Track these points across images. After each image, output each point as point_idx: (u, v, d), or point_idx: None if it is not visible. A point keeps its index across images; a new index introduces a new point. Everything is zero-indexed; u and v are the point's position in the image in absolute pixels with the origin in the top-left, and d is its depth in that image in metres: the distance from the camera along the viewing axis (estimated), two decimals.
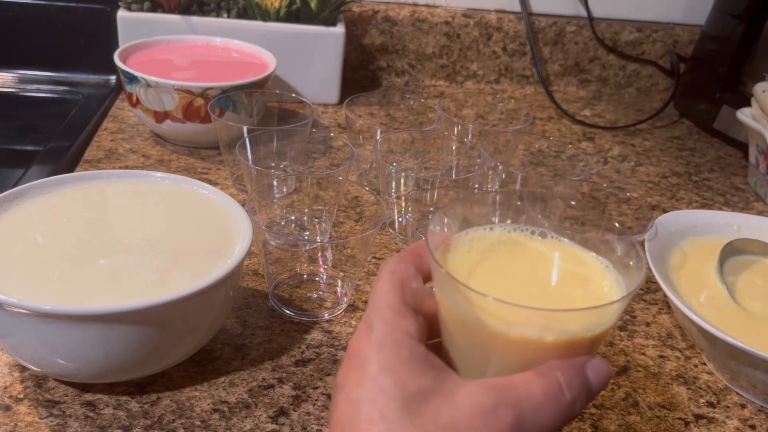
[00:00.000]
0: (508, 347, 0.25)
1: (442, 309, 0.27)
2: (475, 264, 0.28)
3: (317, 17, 0.76)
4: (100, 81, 0.80)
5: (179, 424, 0.36)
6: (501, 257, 0.29)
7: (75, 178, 0.43)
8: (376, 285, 0.27)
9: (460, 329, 0.26)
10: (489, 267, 0.28)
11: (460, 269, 0.27)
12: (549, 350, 0.25)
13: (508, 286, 0.27)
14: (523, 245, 0.30)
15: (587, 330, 0.25)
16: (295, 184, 0.53)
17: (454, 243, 0.29)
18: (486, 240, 0.30)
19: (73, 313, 0.32)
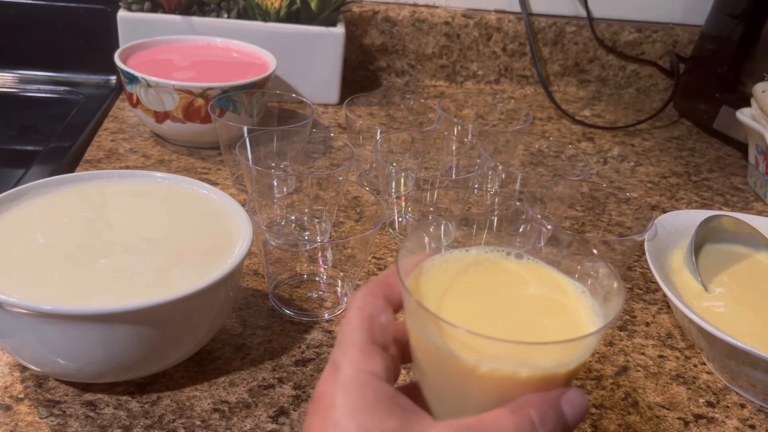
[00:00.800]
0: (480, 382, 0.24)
1: (413, 340, 0.26)
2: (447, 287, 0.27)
3: (317, 17, 0.76)
4: (101, 81, 0.80)
5: (179, 424, 0.36)
6: (475, 280, 0.28)
7: (75, 178, 0.43)
8: (343, 321, 0.26)
9: (431, 362, 0.25)
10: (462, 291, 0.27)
11: (431, 294, 0.26)
12: (524, 386, 0.24)
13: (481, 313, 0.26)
14: (499, 267, 0.29)
15: (563, 365, 0.24)
16: (295, 184, 0.53)
17: (428, 265, 0.28)
18: (461, 261, 0.29)
19: (73, 313, 0.32)
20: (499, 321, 0.26)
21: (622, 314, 0.50)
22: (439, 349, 0.24)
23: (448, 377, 0.25)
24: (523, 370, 0.23)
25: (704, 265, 0.49)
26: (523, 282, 0.28)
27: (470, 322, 0.23)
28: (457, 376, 0.24)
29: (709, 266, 0.49)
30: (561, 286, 0.28)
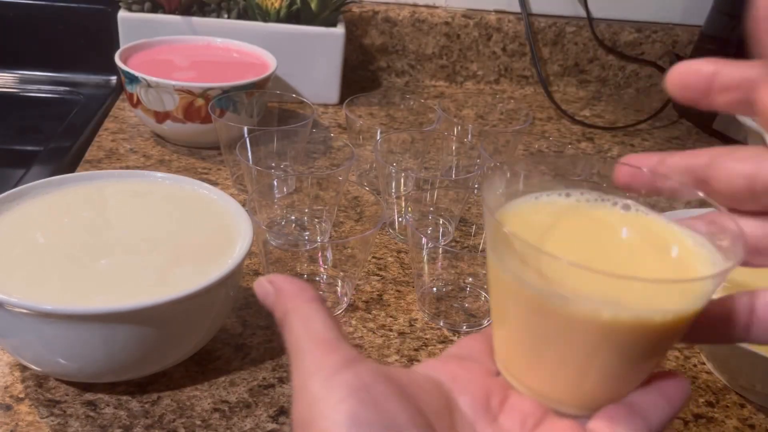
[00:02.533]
0: (555, 322, 0.21)
1: (493, 278, 0.23)
2: (539, 229, 0.24)
3: (317, 18, 0.76)
4: (101, 81, 0.80)
5: (180, 424, 0.36)
6: (571, 225, 0.25)
7: (76, 178, 0.44)
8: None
9: (510, 302, 0.23)
10: (554, 235, 0.24)
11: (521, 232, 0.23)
12: (608, 335, 0.21)
13: (576, 255, 0.22)
14: (600, 216, 0.25)
15: (657, 312, 0.20)
16: (296, 184, 0.53)
17: (517, 206, 0.25)
18: (557, 205, 0.25)
19: (74, 313, 0.32)
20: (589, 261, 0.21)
21: None
22: (522, 283, 0.21)
23: (530, 316, 0.22)
24: (606, 310, 0.20)
25: None
26: (627, 230, 0.25)
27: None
28: (540, 315, 0.22)
29: None
30: (672, 235, 0.24)
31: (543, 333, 0.22)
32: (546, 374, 0.24)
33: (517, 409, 0.24)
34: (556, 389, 0.24)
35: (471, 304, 0.48)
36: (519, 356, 0.24)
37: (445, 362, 0.25)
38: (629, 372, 0.23)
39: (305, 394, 0.21)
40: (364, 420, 0.20)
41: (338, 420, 0.19)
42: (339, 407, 0.20)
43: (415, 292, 0.49)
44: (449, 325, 0.46)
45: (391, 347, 0.44)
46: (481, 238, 0.57)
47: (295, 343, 0.22)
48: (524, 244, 0.21)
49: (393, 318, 0.47)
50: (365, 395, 0.20)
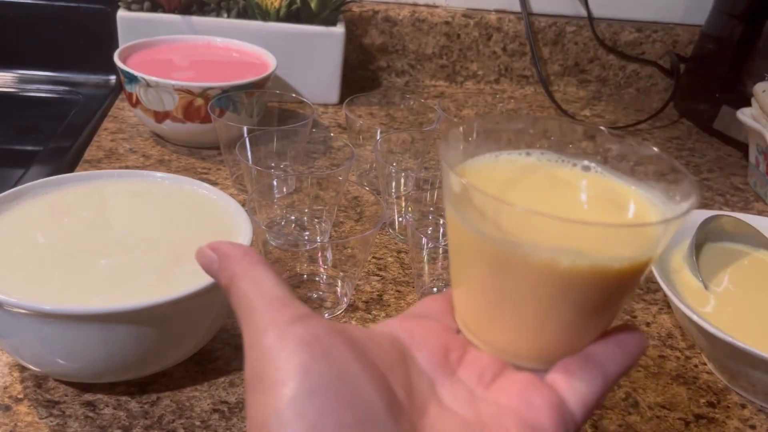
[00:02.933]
0: (513, 274, 0.21)
1: (451, 230, 0.24)
2: (496, 185, 0.24)
3: (317, 17, 0.76)
4: (100, 81, 0.80)
5: (179, 424, 0.36)
6: (530, 183, 0.25)
7: (75, 178, 0.43)
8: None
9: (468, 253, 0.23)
10: (512, 191, 0.24)
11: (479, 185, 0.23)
12: (566, 284, 0.21)
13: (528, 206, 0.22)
14: (560, 175, 0.26)
15: (614, 259, 0.21)
16: (295, 184, 0.53)
17: (477, 163, 0.25)
18: (516, 164, 0.26)
19: (73, 313, 0.32)
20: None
21: (622, 315, 0.50)
22: (482, 236, 0.22)
23: (489, 270, 0.22)
24: (564, 258, 0.20)
25: (705, 264, 0.49)
26: (585, 188, 0.25)
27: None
28: (487, 265, 0.22)
29: (709, 266, 0.49)
30: (628, 194, 0.25)
31: (501, 286, 0.23)
32: (504, 328, 0.24)
33: (475, 363, 0.24)
34: (514, 343, 0.24)
35: None
36: (477, 312, 0.24)
37: (404, 320, 0.25)
38: (587, 323, 0.23)
39: (257, 350, 0.21)
40: (316, 370, 0.20)
41: (290, 370, 0.19)
42: (291, 359, 0.20)
43: (416, 292, 0.49)
44: None
45: None
46: None
47: (245, 303, 0.22)
48: (482, 194, 0.21)
49: None
50: (317, 347, 0.20)
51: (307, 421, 0.19)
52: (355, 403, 0.19)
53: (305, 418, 0.19)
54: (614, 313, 0.24)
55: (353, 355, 0.21)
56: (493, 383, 0.23)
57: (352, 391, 0.19)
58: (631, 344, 0.24)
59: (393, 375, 0.22)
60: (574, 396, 0.22)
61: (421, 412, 0.21)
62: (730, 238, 0.52)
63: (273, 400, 0.19)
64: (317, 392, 0.19)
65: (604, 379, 0.23)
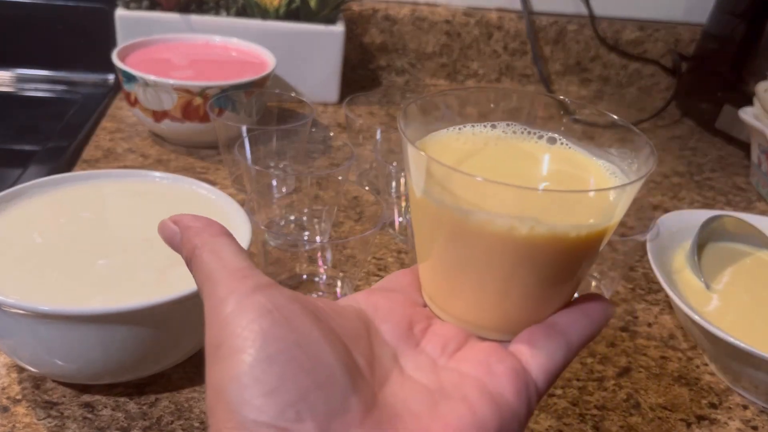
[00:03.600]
0: (472, 239, 0.21)
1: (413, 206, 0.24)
2: (459, 158, 0.24)
3: (317, 16, 0.76)
4: (99, 80, 0.80)
5: (178, 426, 0.36)
6: (493, 155, 0.25)
7: (73, 177, 0.43)
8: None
9: (429, 223, 0.23)
10: (474, 161, 0.24)
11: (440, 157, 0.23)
12: (526, 252, 0.21)
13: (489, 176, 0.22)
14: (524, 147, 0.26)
15: (572, 227, 0.21)
16: (295, 184, 0.53)
17: (440, 135, 0.25)
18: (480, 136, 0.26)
19: (71, 314, 0.32)
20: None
21: (623, 315, 0.50)
22: (441, 207, 0.22)
23: (450, 241, 0.22)
24: (522, 225, 0.21)
25: (707, 264, 0.49)
26: (548, 161, 0.25)
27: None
28: (446, 232, 0.22)
29: (711, 266, 0.49)
30: (591, 166, 0.25)
31: (463, 257, 0.23)
32: (468, 300, 0.24)
33: (439, 334, 0.24)
34: (478, 315, 0.24)
35: None
36: (441, 283, 0.24)
37: (369, 294, 0.25)
38: (548, 292, 0.23)
39: (216, 319, 0.21)
40: (275, 335, 0.19)
41: (249, 337, 0.19)
42: (250, 326, 0.20)
43: None
44: None
45: None
46: None
47: (206, 274, 0.22)
48: (438, 165, 0.21)
49: None
50: (277, 314, 0.20)
51: (266, 386, 0.19)
52: (315, 368, 0.19)
53: (264, 383, 0.19)
54: (576, 282, 0.24)
55: (313, 322, 0.21)
56: (456, 353, 0.23)
57: (312, 357, 0.19)
58: (595, 312, 0.24)
59: (355, 345, 0.22)
60: (536, 364, 0.23)
61: (383, 381, 0.21)
62: (732, 238, 0.52)
63: (232, 367, 0.19)
64: (276, 358, 0.19)
65: (567, 347, 0.23)
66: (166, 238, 0.25)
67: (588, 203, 0.22)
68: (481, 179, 0.20)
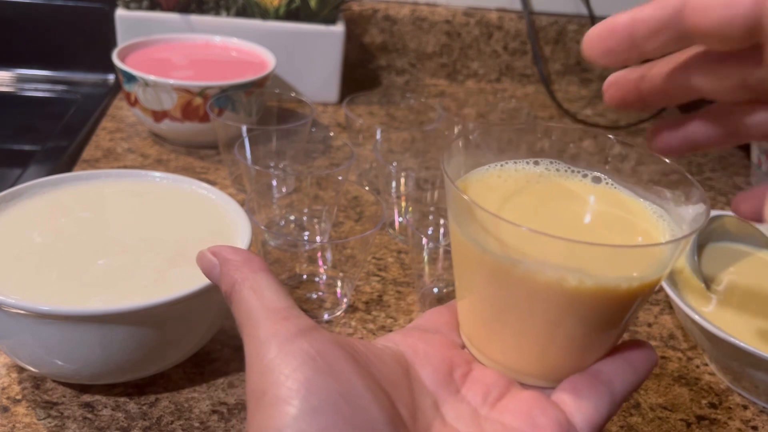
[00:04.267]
0: (516, 286, 0.21)
1: (455, 248, 0.23)
2: (502, 196, 0.24)
3: (317, 16, 0.76)
4: (99, 80, 0.80)
5: (178, 426, 0.36)
6: (535, 194, 0.24)
7: (73, 177, 0.43)
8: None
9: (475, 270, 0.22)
10: (517, 203, 0.24)
11: (481, 200, 0.22)
12: (572, 303, 0.20)
13: (536, 224, 0.21)
14: (568, 186, 0.25)
15: (621, 279, 0.20)
16: (295, 183, 0.53)
17: (481, 173, 0.24)
18: (522, 173, 0.25)
19: (71, 314, 0.32)
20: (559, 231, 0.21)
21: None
22: (485, 252, 0.21)
23: (493, 286, 0.22)
24: (571, 277, 0.20)
25: (707, 264, 0.49)
26: (593, 201, 0.24)
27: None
28: (504, 284, 0.21)
29: (711, 266, 0.49)
30: (639, 209, 0.24)
31: (506, 302, 0.22)
32: (509, 345, 0.23)
33: (480, 381, 0.24)
34: (519, 360, 0.23)
35: None
36: (482, 327, 0.24)
37: (407, 335, 0.25)
38: (593, 341, 0.23)
39: (258, 364, 0.20)
40: (320, 386, 0.19)
41: (293, 387, 0.19)
42: (294, 375, 0.19)
43: (416, 292, 0.48)
44: None
45: None
46: None
47: (246, 313, 0.22)
48: (485, 211, 0.21)
49: (393, 319, 0.46)
50: (320, 362, 0.20)
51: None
52: (359, 421, 0.19)
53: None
54: (622, 330, 0.23)
55: (357, 371, 0.20)
56: (499, 402, 0.23)
57: (356, 409, 0.19)
58: (640, 361, 0.23)
59: (396, 392, 0.21)
60: (580, 416, 0.22)
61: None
62: (732, 238, 0.52)
63: (276, 417, 0.19)
64: (320, 410, 0.19)
65: (612, 397, 0.22)
66: (204, 270, 0.24)
67: (640, 256, 0.21)
68: (527, 229, 0.20)
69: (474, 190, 0.24)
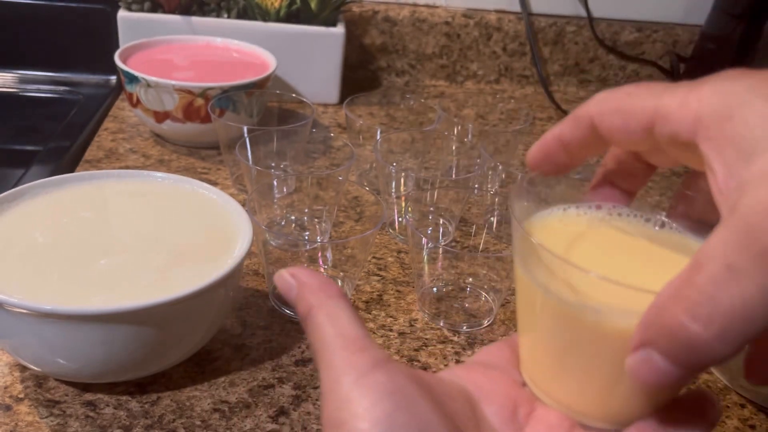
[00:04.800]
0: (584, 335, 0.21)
1: (524, 295, 0.23)
2: (568, 243, 0.24)
3: (317, 17, 0.76)
4: (101, 81, 0.80)
5: (179, 424, 0.36)
6: (600, 239, 0.24)
7: (75, 178, 0.43)
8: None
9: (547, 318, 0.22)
10: (582, 248, 0.24)
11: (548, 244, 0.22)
12: None
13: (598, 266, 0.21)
14: (631, 231, 0.25)
15: None
16: (295, 184, 0.53)
17: (544, 216, 0.25)
18: (586, 219, 0.25)
19: (73, 313, 0.32)
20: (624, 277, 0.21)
21: None
22: (551, 296, 0.21)
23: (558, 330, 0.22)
24: None
25: None
26: (659, 248, 0.24)
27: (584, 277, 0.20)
28: (570, 327, 0.21)
29: None
30: None
31: (571, 345, 0.22)
32: (573, 387, 0.23)
33: (543, 421, 0.24)
34: (583, 402, 0.23)
35: (471, 304, 0.48)
36: (545, 367, 0.24)
37: (471, 370, 0.25)
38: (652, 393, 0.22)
39: (336, 395, 0.21)
40: (399, 422, 0.20)
41: (372, 421, 0.19)
42: (373, 409, 0.20)
43: (415, 292, 0.49)
44: (449, 325, 0.46)
45: (392, 347, 0.43)
46: (482, 238, 0.57)
47: (321, 340, 0.22)
48: (553, 256, 0.21)
49: (393, 318, 0.47)
50: (400, 398, 0.20)
51: None
52: None
53: None
54: None
55: (433, 408, 0.21)
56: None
57: None
58: (708, 413, 0.23)
59: (468, 429, 0.22)
60: None
61: None
62: None
63: None
64: None
65: None
66: (282, 290, 0.24)
67: None
68: (596, 275, 0.20)
69: (539, 234, 0.24)
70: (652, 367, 0.18)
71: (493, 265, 0.47)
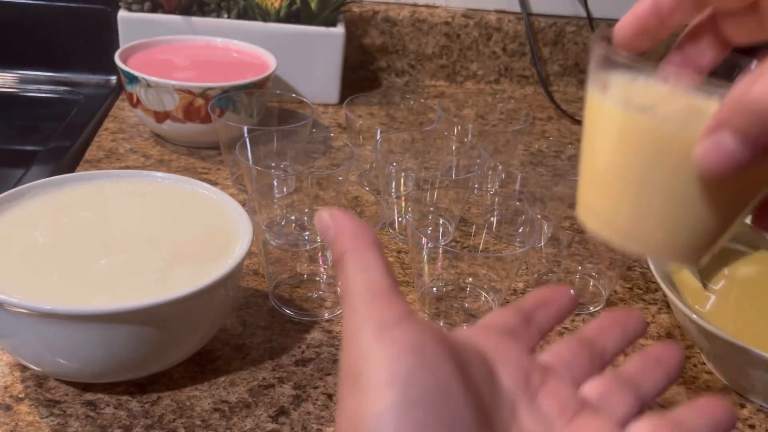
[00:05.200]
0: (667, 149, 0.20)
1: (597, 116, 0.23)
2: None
3: (317, 17, 0.76)
4: (101, 81, 0.80)
5: (180, 424, 0.36)
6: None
7: (75, 178, 0.43)
8: None
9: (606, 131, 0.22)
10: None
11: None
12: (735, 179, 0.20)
13: None
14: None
15: None
16: (295, 184, 0.53)
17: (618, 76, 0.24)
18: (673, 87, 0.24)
19: (73, 313, 0.32)
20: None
21: None
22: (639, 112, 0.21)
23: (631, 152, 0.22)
24: None
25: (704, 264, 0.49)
26: None
27: None
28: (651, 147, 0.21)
29: (708, 265, 0.49)
30: None
31: (644, 163, 0.22)
32: (637, 211, 0.23)
33: (556, 393, 0.24)
34: (644, 226, 0.23)
35: (471, 304, 0.48)
36: (610, 193, 0.24)
37: (486, 333, 0.25)
38: (735, 221, 0.22)
39: (356, 344, 0.20)
40: (419, 380, 0.19)
41: (392, 377, 0.19)
42: (394, 364, 0.19)
43: (415, 292, 0.49)
44: (449, 325, 0.46)
45: None
46: (482, 238, 0.57)
47: (349, 287, 0.22)
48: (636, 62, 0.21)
49: None
50: (420, 354, 0.20)
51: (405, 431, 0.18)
52: (452, 420, 0.19)
53: (403, 428, 0.18)
54: (749, 212, 0.23)
55: (455, 369, 0.20)
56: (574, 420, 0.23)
57: (450, 408, 0.19)
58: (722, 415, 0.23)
59: (484, 392, 0.22)
60: None
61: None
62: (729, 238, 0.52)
63: (373, 403, 0.19)
64: (419, 404, 0.19)
65: None
66: (320, 229, 0.24)
67: None
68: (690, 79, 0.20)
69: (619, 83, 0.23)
70: (720, 149, 0.19)
71: (493, 265, 0.47)
